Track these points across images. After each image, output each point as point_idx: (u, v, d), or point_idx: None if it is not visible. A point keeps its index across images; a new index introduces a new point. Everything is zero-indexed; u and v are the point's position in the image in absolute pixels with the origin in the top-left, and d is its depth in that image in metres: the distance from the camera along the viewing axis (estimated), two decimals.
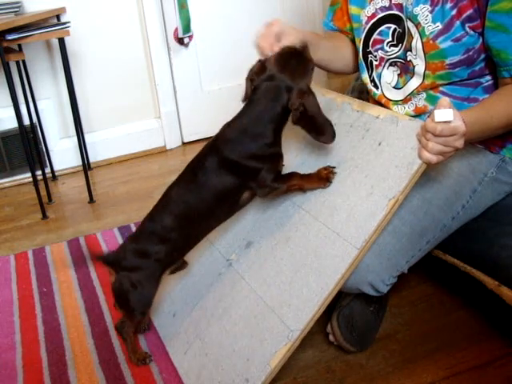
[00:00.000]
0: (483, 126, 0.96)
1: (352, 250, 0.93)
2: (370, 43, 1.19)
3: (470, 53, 1.03)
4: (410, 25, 1.09)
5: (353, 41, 1.29)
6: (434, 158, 0.88)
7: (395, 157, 0.95)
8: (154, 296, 1.12)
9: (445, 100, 0.86)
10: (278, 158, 1.06)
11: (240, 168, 1.03)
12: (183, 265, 1.22)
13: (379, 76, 1.21)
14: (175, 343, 1.17)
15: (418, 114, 1.14)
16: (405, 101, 1.16)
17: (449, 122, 0.85)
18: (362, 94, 1.60)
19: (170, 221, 1.08)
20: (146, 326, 1.28)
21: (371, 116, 1.04)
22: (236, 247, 1.16)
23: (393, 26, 1.14)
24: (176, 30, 2.41)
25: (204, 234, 1.14)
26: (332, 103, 1.14)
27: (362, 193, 0.97)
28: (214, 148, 1.07)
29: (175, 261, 1.15)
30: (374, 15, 1.17)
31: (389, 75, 1.19)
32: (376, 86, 1.23)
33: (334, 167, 1.06)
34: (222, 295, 1.12)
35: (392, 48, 1.15)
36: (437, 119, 0.85)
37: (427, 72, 1.09)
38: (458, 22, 1.01)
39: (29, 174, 2.07)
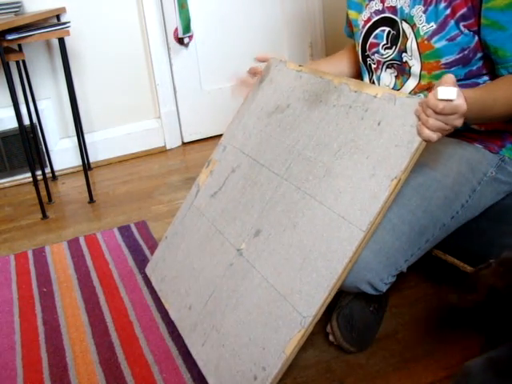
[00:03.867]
0: (483, 107, 0.95)
1: (358, 232, 0.94)
2: (367, 47, 1.20)
3: (466, 52, 1.03)
4: (405, 26, 1.09)
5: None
6: (434, 136, 0.87)
7: (395, 136, 0.95)
8: None
9: (449, 77, 0.83)
10: None
11: None
12: None
13: (378, 79, 1.22)
14: (193, 335, 1.18)
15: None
16: None
17: (451, 100, 0.82)
18: None
19: None
20: None
21: (369, 95, 1.04)
22: (245, 236, 1.16)
23: (387, 29, 1.14)
24: (176, 29, 2.41)
25: None
26: (330, 85, 1.15)
27: (364, 174, 0.98)
28: None
29: None
30: (369, 19, 1.18)
31: (387, 78, 1.19)
32: None
33: None
34: (234, 285, 1.13)
35: (387, 51, 1.16)
36: (439, 96, 0.82)
37: (423, 72, 1.09)
38: (452, 22, 1.01)
39: (29, 174, 2.07)
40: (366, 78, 1.26)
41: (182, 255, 1.33)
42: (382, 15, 1.15)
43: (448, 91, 0.82)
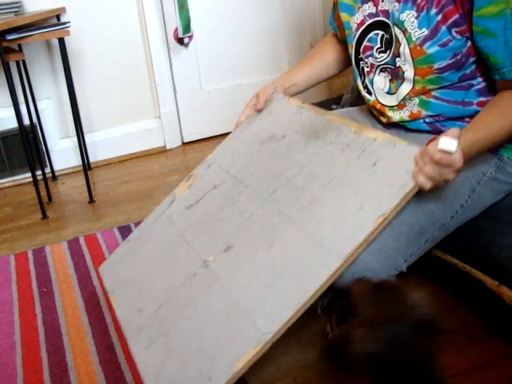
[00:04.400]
0: (481, 147, 0.98)
1: (336, 260, 0.93)
2: (361, 50, 1.20)
3: (458, 57, 1.03)
4: (397, 31, 1.09)
5: (343, 42, 1.34)
6: (428, 184, 0.90)
7: (389, 177, 0.95)
8: None
9: (456, 130, 0.86)
10: None
11: None
12: None
13: (371, 82, 1.22)
14: (137, 338, 1.14)
15: (413, 119, 1.15)
16: (399, 107, 1.17)
17: (450, 153, 0.85)
18: None
19: None
20: None
21: (368, 138, 1.04)
22: (214, 249, 1.14)
23: (381, 33, 1.14)
24: (176, 29, 2.41)
25: None
26: (330, 124, 1.15)
27: (351, 208, 0.97)
28: None
29: None
30: (362, 22, 1.18)
31: (381, 81, 1.19)
32: (369, 93, 1.24)
33: None
34: (194, 294, 1.10)
35: (381, 54, 1.16)
36: (439, 146, 0.85)
37: (417, 77, 1.09)
38: (444, 27, 1.01)
39: (29, 174, 2.07)
40: (359, 81, 1.26)
41: (141, 259, 1.30)
42: (376, 18, 1.15)
43: (449, 142, 0.84)
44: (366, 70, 1.22)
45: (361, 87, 1.26)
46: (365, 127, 1.08)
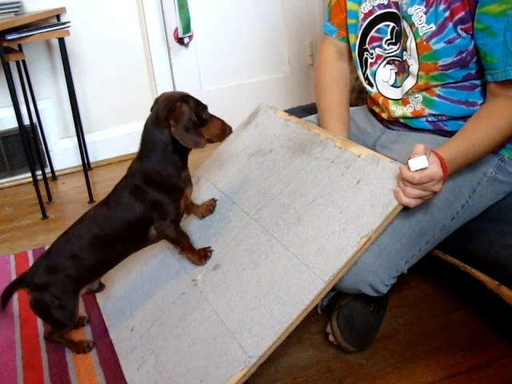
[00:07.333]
0: (466, 157, 0.97)
1: (319, 282, 0.94)
2: (367, 40, 1.19)
3: (463, 54, 1.03)
4: (405, 24, 1.09)
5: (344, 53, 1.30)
6: (412, 202, 0.90)
7: (372, 196, 0.96)
8: (75, 309, 1.18)
9: (419, 147, 0.87)
10: (179, 191, 1.12)
11: (144, 197, 1.11)
12: (100, 287, 1.29)
13: (373, 74, 1.21)
14: (130, 357, 1.15)
15: (416, 116, 1.15)
16: (403, 102, 1.16)
17: (425, 168, 0.86)
18: (362, 93, 1.60)
19: (82, 240, 1.14)
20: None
21: (353, 154, 1.05)
22: (203, 268, 1.16)
23: (391, 24, 1.14)
24: (176, 30, 2.41)
25: (115, 261, 1.19)
26: (316, 138, 1.16)
27: (335, 228, 0.98)
28: (126, 176, 1.20)
29: (88, 279, 1.20)
30: (371, 12, 1.17)
31: (385, 73, 1.19)
32: (370, 84, 1.23)
33: (209, 248, 1.17)
34: (183, 314, 1.11)
35: (391, 46, 1.15)
36: (413, 169, 0.86)
37: (420, 73, 1.09)
38: (450, 24, 1.01)
39: (29, 174, 2.07)
40: (360, 72, 1.25)
41: (133, 277, 1.31)
42: (387, 10, 1.14)
43: (419, 161, 0.86)
44: (370, 61, 1.21)
45: (361, 78, 1.25)
46: (349, 142, 1.09)
